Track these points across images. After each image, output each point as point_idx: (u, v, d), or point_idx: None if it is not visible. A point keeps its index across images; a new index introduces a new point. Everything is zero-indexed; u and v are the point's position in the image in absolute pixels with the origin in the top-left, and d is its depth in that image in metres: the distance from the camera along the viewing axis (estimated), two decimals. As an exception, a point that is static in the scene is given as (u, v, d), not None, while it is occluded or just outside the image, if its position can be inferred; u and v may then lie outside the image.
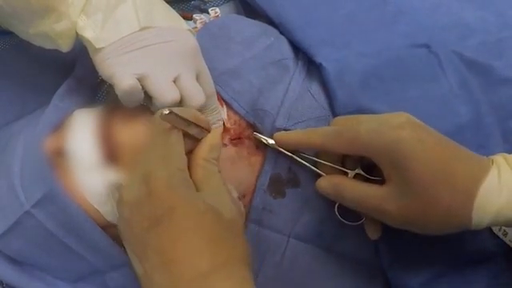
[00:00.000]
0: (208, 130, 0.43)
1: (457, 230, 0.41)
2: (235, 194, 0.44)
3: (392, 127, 0.41)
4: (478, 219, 0.39)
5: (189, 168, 0.40)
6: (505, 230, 0.46)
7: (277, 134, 0.48)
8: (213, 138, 0.43)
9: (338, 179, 0.45)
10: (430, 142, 0.41)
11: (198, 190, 0.39)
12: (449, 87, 0.50)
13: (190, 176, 0.40)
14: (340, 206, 0.46)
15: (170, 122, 0.39)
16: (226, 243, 0.37)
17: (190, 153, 0.41)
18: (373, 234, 0.46)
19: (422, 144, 0.40)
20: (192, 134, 0.41)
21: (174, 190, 0.37)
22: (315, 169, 0.48)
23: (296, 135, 0.47)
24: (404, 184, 0.40)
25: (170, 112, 0.37)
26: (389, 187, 0.41)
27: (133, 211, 0.37)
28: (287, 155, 0.48)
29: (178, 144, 0.40)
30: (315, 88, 0.52)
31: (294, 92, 0.51)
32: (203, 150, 0.42)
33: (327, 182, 0.45)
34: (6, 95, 0.55)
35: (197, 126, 0.41)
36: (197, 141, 0.42)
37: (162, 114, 0.37)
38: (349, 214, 0.46)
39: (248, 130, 0.51)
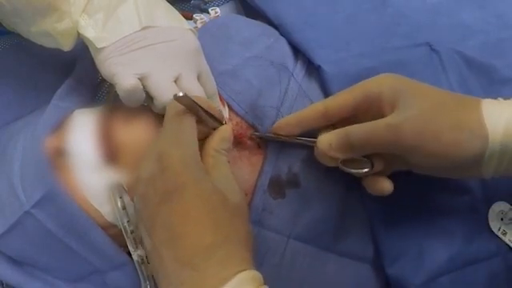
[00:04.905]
0: (220, 121, 0.44)
1: (474, 149, 0.40)
2: None
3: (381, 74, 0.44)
4: (491, 124, 0.39)
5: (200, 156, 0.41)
6: (504, 230, 0.47)
7: (275, 125, 0.48)
8: (224, 131, 0.44)
9: (343, 129, 0.43)
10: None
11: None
12: (449, 87, 0.50)
13: None
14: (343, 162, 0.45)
15: (184, 104, 0.40)
16: (228, 224, 0.38)
17: (201, 140, 0.42)
18: (381, 188, 0.45)
19: (412, 80, 0.43)
20: (204, 121, 0.42)
21: (187, 168, 0.38)
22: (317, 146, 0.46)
23: (295, 116, 0.47)
24: (409, 102, 0.41)
25: (185, 94, 0.39)
26: (396, 112, 0.41)
27: (147, 186, 0.39)
28: (287, 142, 0.48)
29: (190, 127, 0.41)
30: (314, 89, 0.52)
31: (292, 92, 0.51)
32: (214, 140, 0.43)
33: (331, 134, 0.44)
34: (5, 95, 0.55)
35: (209, 115, 0.42)
36: (209, 129, 0.43)
37: (176, 95, 0.39)
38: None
39: (248, 131, 0.51)
